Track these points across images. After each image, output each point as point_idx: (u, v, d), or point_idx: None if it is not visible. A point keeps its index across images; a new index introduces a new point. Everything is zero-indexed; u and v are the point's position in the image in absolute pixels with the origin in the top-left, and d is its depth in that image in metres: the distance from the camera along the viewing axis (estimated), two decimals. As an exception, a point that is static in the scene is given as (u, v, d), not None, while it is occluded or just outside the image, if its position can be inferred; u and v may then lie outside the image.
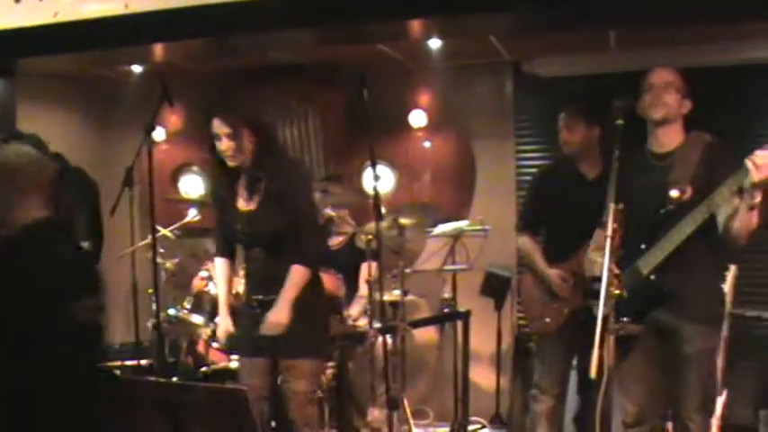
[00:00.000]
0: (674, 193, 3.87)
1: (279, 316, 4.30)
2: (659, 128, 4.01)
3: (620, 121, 3.66)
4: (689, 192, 3.85)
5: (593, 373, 3.24)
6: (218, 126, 4.32)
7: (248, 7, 4.86)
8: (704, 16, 4.79)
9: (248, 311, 4.50)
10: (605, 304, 3.36)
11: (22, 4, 5.30)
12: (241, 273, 4.83)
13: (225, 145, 4.32)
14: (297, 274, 4.34)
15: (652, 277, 3.89)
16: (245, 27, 5.06)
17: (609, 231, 3.42)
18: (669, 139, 4.01)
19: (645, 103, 3.99)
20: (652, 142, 4.06)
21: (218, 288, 4.71)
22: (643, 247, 3.91)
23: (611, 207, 3.46)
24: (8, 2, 5.33)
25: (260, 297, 4.44)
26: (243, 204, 4.47)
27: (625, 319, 3.82)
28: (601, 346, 3.27)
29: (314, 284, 4.51)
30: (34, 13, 5.24)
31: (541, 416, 5.03)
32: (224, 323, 4.60)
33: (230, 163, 4.38)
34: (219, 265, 4.68)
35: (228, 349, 4.69)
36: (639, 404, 4.06)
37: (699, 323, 3.92)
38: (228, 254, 4.69)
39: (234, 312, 4.66)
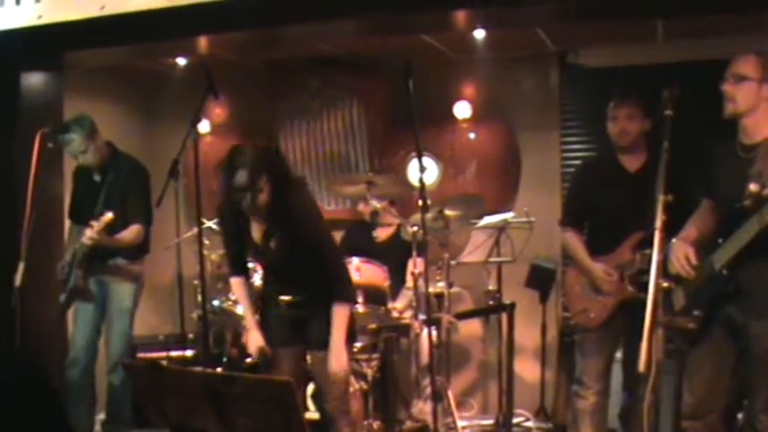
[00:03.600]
0: (752, 187, 3.66)
1: (341, 360, 4.37)
2: (741, 119, 3.86)
3: (668, 112, 3.60)
4: None
5: (641, 367, 3.20)
6: (242, 179, 4.23)
7: (293, -1, 4.88)
8: (754, 5, 4.70)
9: (276, 310, 4.56)
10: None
11: (69, -2, 5.36)
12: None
13: (247, 198, 4.25)
14: (342, 315, 4.40)
15: (724, 272, 3.79)
16: (289, 18, 5.06)
17: (658, 223, 3.38)
18: (755, 129, 3.84)
19: (724, 91, 3.86)
20: (740, 133, 3.89)
21: (243, 307, 4.77)
22: (720, 240, 3.81)
23: (660, 199, 3.41)
24: (56, -4, 5.39)
25: (287, 298, 4.50)
26: (258, 237, 4.44)
27: (696, 312, 3.77)
28: (649, 340, 3.23)
29: (323, 279, 4.52)
30: (82, 7, 5.28)
31: (584, 412, 4.97)
32: (254, 338, 4.60)
33: (248, 212, 4.34)
34: (237, 286, 4.73)
35: (263, 362, 4.71)
36: (698, 397, 3.98)
37: None
38: (243, 272, 4.75)
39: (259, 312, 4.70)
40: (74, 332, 5.68)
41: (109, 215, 5.29)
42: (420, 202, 4.54)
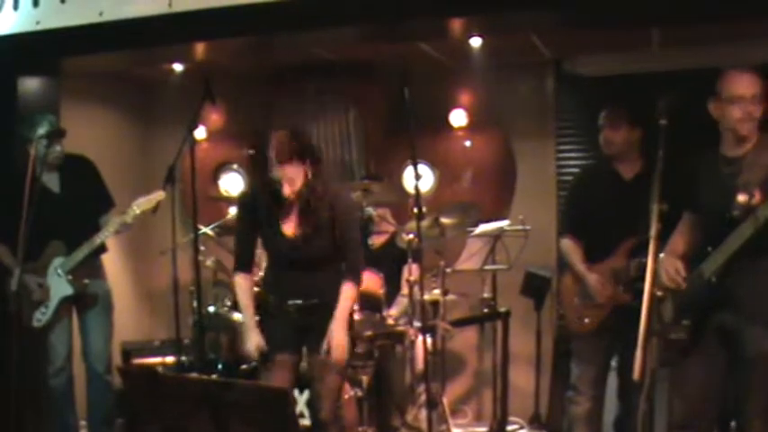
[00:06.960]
0: (741, 198, 3.71)
1: (341, 337, 4.35)
2: (727, 133, 3.90)
3: (663, 122, 3.61)
4: (757, 196, 3.69)
5: (636, 375, 3.21)
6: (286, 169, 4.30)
7: (290, 6, 4.88)
8: (753, 12, 4.70)
9: (280, 317, 4.49)
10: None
11: (67, 4, 5.35)
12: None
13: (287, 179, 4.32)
14: (350, 293, 4.41)
15: (713, 280, 3.81)
16: (287, 25, 5.08)
17: (653, 232, 3.39)
18: (741, 142, 3.88)
19: (733, 115, 3.82)
20: (725, 145, 3.93)
21: (243, 304, 4.56)
22: (709, 249, 3.83)
23: (655, 208, 3.42)
24: (54, 2, 5.39)
25: (298, 302, 4.43)
26: (290, 229, 4.43)
27: (685, 322, 3.78)
28: (644, 348, 3.24)
29: (337, 283, 4.52)
30: (79, 13, 5.29)
31: (579, 418, 4.97)
32: (254, 338, 4.46)
33: (287, 193, 4.33)
34: (242, 282, 4.56)
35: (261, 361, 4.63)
36: (689, 406, 3.98)
37: (761, 326, 3.78)
38: (250, 269, 4.62)
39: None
40: (53, 342, 5.44)
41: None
42: (415, 210, 4.55)
